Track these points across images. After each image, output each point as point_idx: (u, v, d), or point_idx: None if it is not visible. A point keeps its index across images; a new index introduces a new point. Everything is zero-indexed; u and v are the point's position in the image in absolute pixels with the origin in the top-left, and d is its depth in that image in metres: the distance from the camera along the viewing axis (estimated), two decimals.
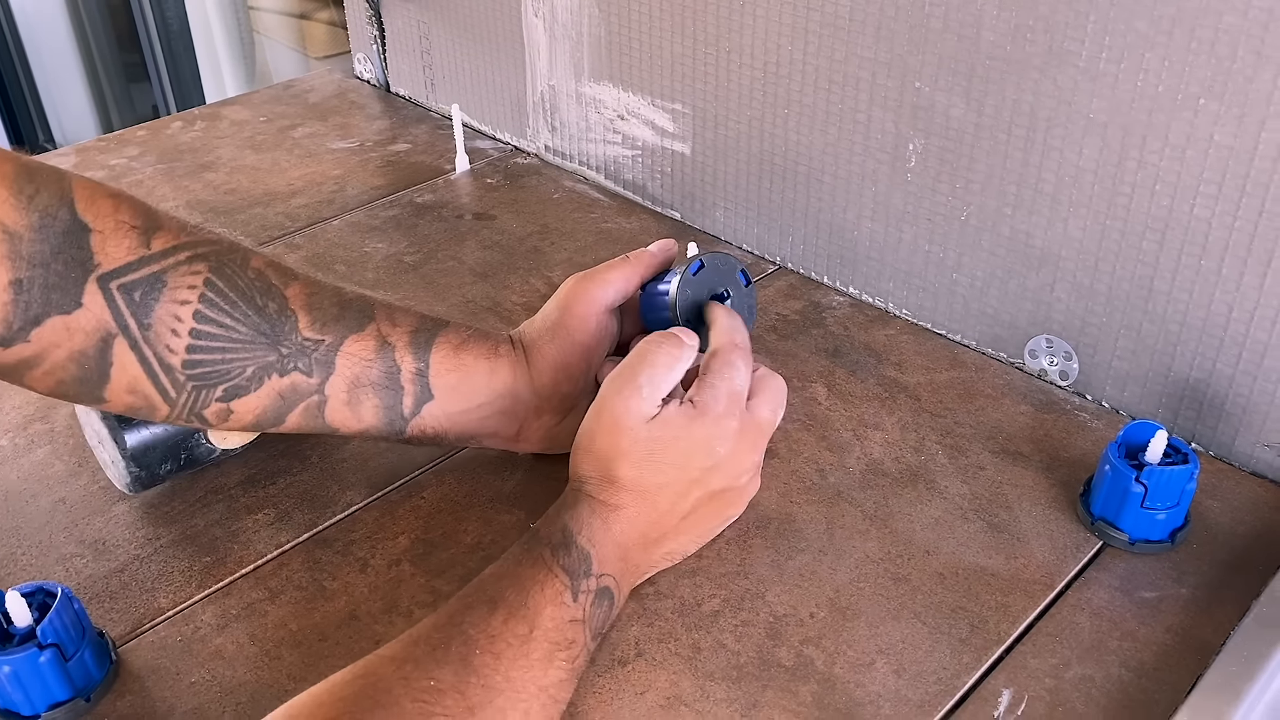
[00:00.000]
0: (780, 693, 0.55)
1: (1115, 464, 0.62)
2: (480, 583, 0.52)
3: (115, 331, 0.52)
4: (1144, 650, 0.57)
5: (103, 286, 0.52)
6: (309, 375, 0.58)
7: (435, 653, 0.47)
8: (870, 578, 0.61)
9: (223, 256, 0.56)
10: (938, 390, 0.76)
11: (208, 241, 0.56)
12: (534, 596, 0.50)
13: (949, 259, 0.78)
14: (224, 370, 0.56)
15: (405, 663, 0.46)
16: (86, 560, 0.63)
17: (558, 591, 0.51)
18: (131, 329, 0.53)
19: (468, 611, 0.49)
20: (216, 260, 0.55)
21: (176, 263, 0.54)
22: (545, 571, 0.52)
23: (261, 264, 0.58)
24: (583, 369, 0.65)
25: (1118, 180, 0.67)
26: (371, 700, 0.44)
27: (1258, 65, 0.59)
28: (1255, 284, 0.64)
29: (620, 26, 0.92)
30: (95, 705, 0.55)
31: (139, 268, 0.53)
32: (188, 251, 0.54)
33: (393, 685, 0.45)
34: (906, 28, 0.73)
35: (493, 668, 0.47)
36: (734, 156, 0.90)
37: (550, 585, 0.51)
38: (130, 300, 0.52)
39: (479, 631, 0.48)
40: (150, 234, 0.53)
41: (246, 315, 0.56)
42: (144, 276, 0.53)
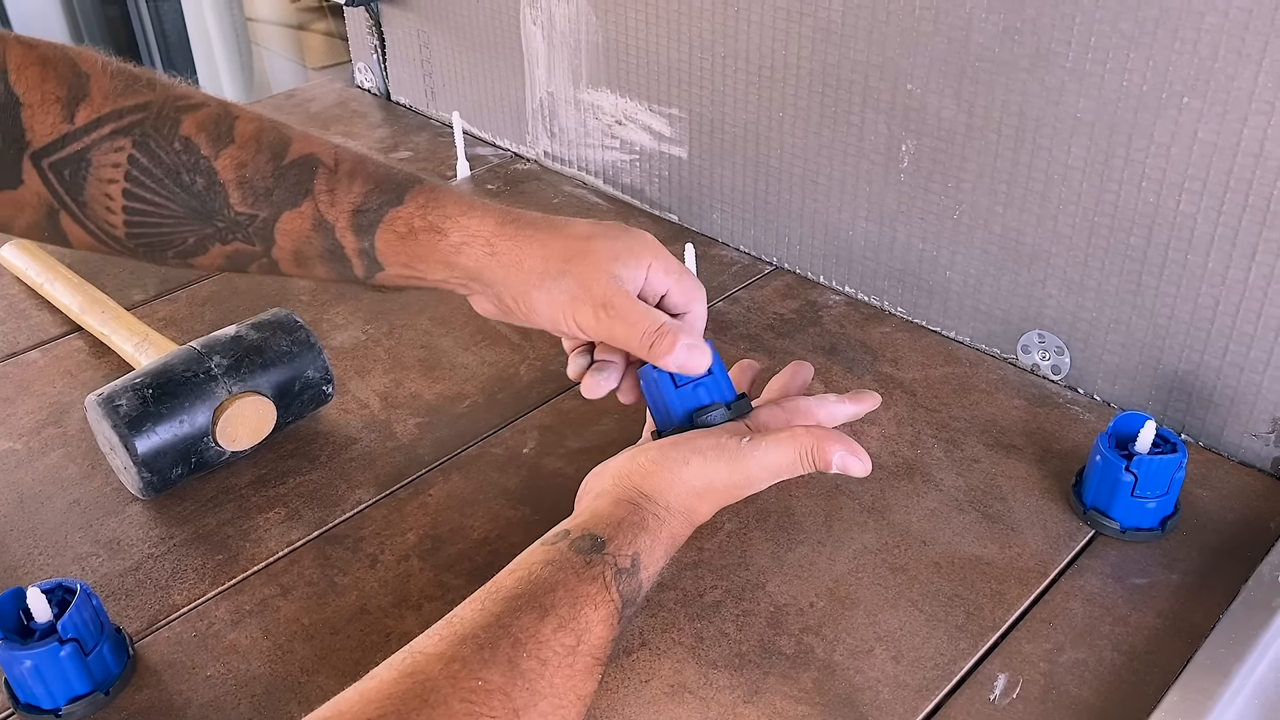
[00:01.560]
0: (781, 679, 0.56)
1: (1105, 454, 0.63)
2: (532, 587, 0.50)
3: (58, 207, 0.53)
4: (1135, 635, 0.59)
5: (35, 164, 0.52)
6: (250, 245, 0.57)
7: (483, 653, 0.47)
8: (868, 568, 0.63)
9: (148, 127, 0.54)
10: (933, 386, 0.77)
11: (135, 108, 0.53)
12: (587, 613, 0.50)
13: (942, 257, 0.80)
14: (167, 238, 0.55)
15: (453, 661, 0.46)
16: (102, 559, 0.65)
17: (610, 614, 0.51)
18: (70, 205, 0.53)
19: (517, 615, 0.49)
20: (141, 133, 0.53)
21: (100, 138, 0.52)
22: (603, 593, 0.51)
23: (192, 128, 0.54)
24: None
25: (1105, 178, 0.69)
26: (419, 699, 0.44)
27: (1238, 64, 0.61)
28: (1240, 277, 0.66)
29: (617, 33, 0.94)
30: (114, 699, 0.56)
31: (64, 145, 0.52)
32: (111, 124, 0.53)
33: (440, 684, 0.45)
34: (898, 31, 0.75)
35: (538, 673, 0.47)
36: (730, 159, 0.91)
37: (605, 607, 0.51)
38: (61, 178, 0.52)
39: (528, 637, 0.48)
40: (75, 105, 0.52)
41: (174, 193, 0.54)
42: (69, 155, 0.52)
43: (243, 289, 0.91)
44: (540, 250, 0.58)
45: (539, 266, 0.58)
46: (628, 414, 0.75)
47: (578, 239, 0.59)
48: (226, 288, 0.91)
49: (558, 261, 0.58)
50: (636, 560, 0.53)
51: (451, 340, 0.84)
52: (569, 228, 0.60)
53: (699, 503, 0.57)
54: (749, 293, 0.89)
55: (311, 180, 0.56)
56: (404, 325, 0.86)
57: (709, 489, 0.56)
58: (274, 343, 0.71)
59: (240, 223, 0.56)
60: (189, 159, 0.54)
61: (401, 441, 0.74)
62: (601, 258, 0.58)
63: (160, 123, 0.54)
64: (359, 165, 0.58)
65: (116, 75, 0.54)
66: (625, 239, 0.60)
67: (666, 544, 0.55)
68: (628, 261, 0.58)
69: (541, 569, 0.51)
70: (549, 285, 0.58)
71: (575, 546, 0.52)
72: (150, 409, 0.66)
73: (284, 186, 0.56)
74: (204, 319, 0.86)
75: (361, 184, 0.57)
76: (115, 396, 0.66)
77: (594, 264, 0.58)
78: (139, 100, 0.54)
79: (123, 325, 0.80)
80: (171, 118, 0.54)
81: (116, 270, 0.93)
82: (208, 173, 0.54)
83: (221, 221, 0.56)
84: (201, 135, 0.54)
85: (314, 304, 0.88)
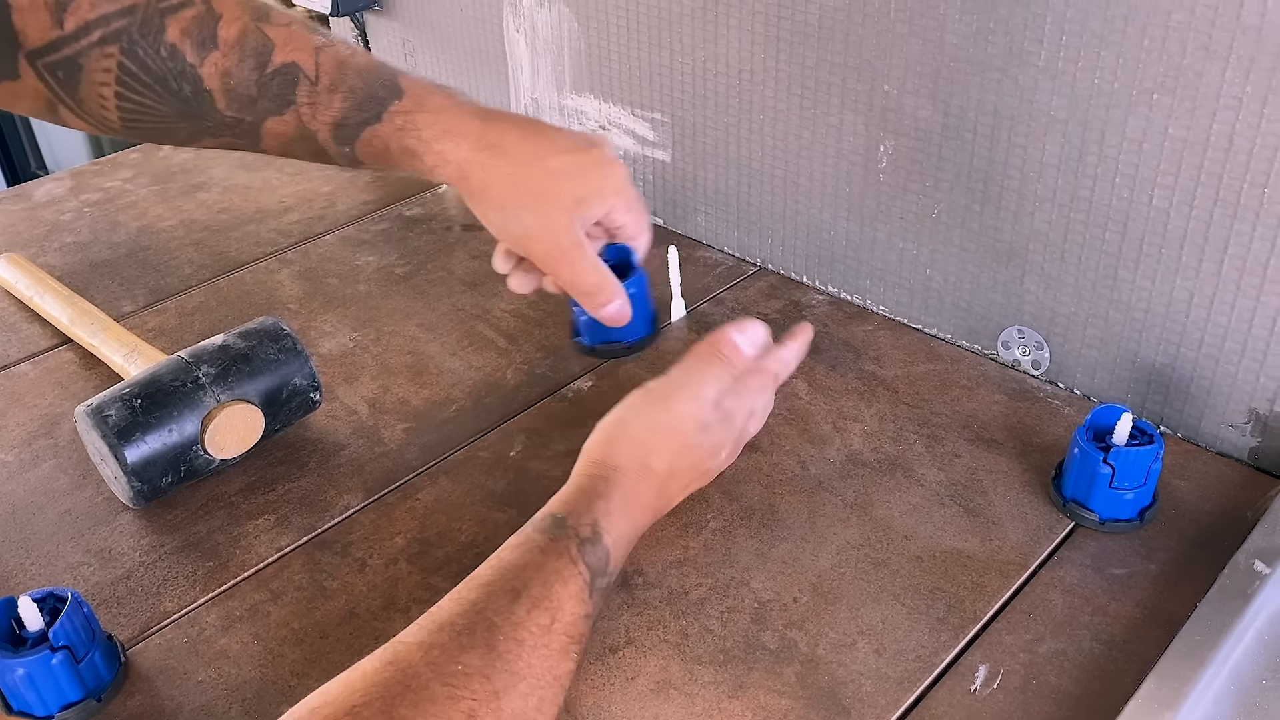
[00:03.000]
0: (765, 674, 0.57)
1: (1083, 446, 0.64)
2: (503, 571, 0.52)
3: (56, 101, 0.55)
4: (1114, 624, 0.59)
5: (31, 63, 0.53)
6: (239, 139, 0.60)
7: (460, 638, 0.48)
8: (851, 563, 0.64)
9: (135, 34, 0.55)
10: (914, 382, 0.78)
11: (120, 12, 0.55)
12: (557, 590, 0.51)
13: (922, 255, 0.81)
14: (162, 131, 0.58)
15: (432, 648, 0.47)
16: (94, 568, 0.65)
17: (580, 588, 0.52)
18: (67, 101, 0.55)
19: (491, 599, 0.50)
20: (129, 39, 0.55)
21: (89, 44, 0.54)
22: (570, 566, 0.53)
23: (177, 34, 0.56)
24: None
25: (1079, 174, 0.70)
26: (402, 685, 0.45)
27: (1206, 60, 0.62)
28: (1213, 270, 0.66)
29: (599, 39, 0.95)
30: (106, 705, 0.57)
31: (56, 49, 0.54)
32: (99, 30, 0.54)
33: (421, 670, 0.46)
34: (874, 33, 0.76)
35: (516, 654, 0.49)
36: (713, 162, 0.92)
37: (574, 581, 0.52)
38: (56, 78, 0.54)
39: (503, 619, 0.49)
40: (63, 11, 0.54)
41: (163, 97, 0.56)
42: (61, 59, 0.54)
43: (231, 298, 0.91)
44: (508, 183, 0.62)
45: (504, 200, 0.62)
46: None
47: (548, 176, 0.62)
48: (215, 298, 0.92)
49: (524, 197, 0.62)
50: (596, 527, 0.54)
51: (439, 346, 0.85)
52: (542, 159, 0.62)
53: (648, 455, 0.58)
54: (733, 294, 0.90)
55: (294, 91, 0.58)
56: (391, 332, 0.86)
57: (646, 432, 0.59)
58: (261, 351, 0.71)
59: (228, 123, 0.58)
60: (175, 66, 0.56)
61: (389, 447, 0.74)
62: (567, 201, 0.62)
63: (145, 29, 0.55)
64: (340, 76, 0.60)
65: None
66: (595, 178, 0.64)
67: (622, 504, 0.56)
68: (592, 204, 0.63)
69: (510, 553, 0.53)
70: (511, 215, 0.63)
71: (538, 527, 0.54)
72: (139, 419, 0.66)
73: (268, 96, 0.58)
74: (193, 329, 0.87)
75: (342, 99, 0.59)
76: (104, 407, 0.67)
77: (559, 207, 0.62)
78: (124, 4, 0.55)
79: (112, 336, 0.81)
80: (156, 23, 0.55)
81: (106, 282, 0.94)
82: (194, 80, 0.56)
83: (210, 121, 0.58)
84: (186, 41, 0.56)
85: (302, 312, 0.89)
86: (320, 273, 0.95)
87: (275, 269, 0.96)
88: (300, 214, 1.05)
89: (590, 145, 0.65)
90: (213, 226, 1.03)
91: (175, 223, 1.04)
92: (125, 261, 0.97)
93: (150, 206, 1.07)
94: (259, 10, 0.59)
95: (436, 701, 0.45)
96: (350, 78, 0.60)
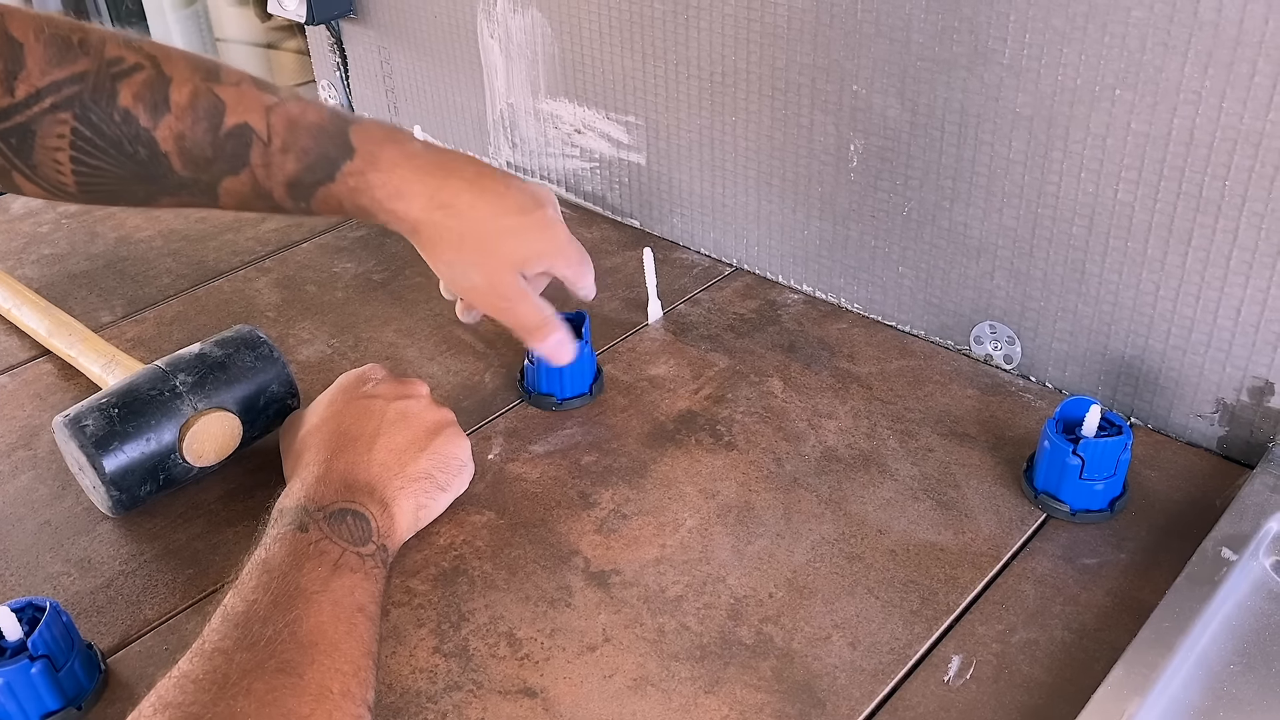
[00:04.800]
0: (742, 669, 0.58)
1: (1053, 439, 0.65)
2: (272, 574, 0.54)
3: (9, 168, 0.55)
4: (1085, 613, 0.60)
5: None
6: (197, 198, 0.61)
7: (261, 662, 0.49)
8: (826, 558, 0.64)
9: (87, 100, 0.55)
10: (888, 379, 0.79)
11: (73, 79, 0.55)
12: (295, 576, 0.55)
13: (894, 253, 0.81)
14: (119, 193, 0.59)
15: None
16: (73, 578, 0.66)
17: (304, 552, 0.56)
18: (21, 168, 0.55)
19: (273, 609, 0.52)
20: (81, 106, 0.55)
21: (41, 111, 0.54)
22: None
23: (129, 98, 0.56)
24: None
25: (1045, 170, 0.71)
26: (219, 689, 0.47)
27: (1165, 55, 0.63)
28: (1178, 262, 0.67)
29: (572, 44, 0.96)
30: (86, 714, 0.57)
31: (7, 117, 0.54)
32: (51, 97, 0.54)
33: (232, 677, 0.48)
34: (841, 34, 0.77)
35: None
36: (687, 164, 0.93)
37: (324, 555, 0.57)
38: (9, 145, 0.54)
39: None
40: (12, 79, 0.54)
41: (119, 160, 0.56)
42: (13, 126, 0.54)
43: (210, 307, 0.92)
44: (458, 241, 0.65)
45: (453, 256, 0.66)
46: (590, 418, 0.76)
47: (495, 236, 0.66)
48: (193, 307, 0.92)
49: (472, 254, 0.66)
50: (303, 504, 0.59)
51: (416, 350, 0.85)
52: (490, 220, 0.66)
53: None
54: (709, 294, 0.90)
55: (248, 152, 0.59)
56: (369, 338, 0.87)
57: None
58: (237, 359, 0.72)
59: (185, 184, 0.59)
60: (129, 130, 0.56)
61: None
62: (511, 259, 0.67)
63: (98, 95, 0.55)
64: (291, 136, 0.61)
65: (50, 42, 0.55)
66: (537, 241, 0.68)
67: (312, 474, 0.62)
68: (533, 263, 0.68)
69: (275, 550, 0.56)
70: (459, 270, 0.67)
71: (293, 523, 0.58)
72: (117, 428, 0.67)
73: (223, 157, 0.59)
74: (171, 338, 0.87)
75: (294, 160, 0.60)
76: (82, 417, 0.67)
77: (503, 265, 0.67)
78: (75, 70, 0.55)
79: (90, 347, 0.81)
80: (108, 88, 0.55)
81: (84, 293, 0.94)
82: (149, 143, 0.57)
83: (168, 183, 0.59)
84: (139, 105, 0.56)
85: (280, 319, 0.90)
86: (298, 280, 0.95)
87: (253, 277, 0.96)
88: (277, 222, 1.05)
89: (536, 206, 0.68)
90: (190, 236, 1.03)
91: (153, 233, 1.04)
92: (103, 272, 0.98)
93: (128, 217, 1.07)
94: (208, 71, 0.59)
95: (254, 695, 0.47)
96: (302, 138, 0.61)
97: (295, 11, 1.14)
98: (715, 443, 0.74)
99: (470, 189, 0.66)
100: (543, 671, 0.58)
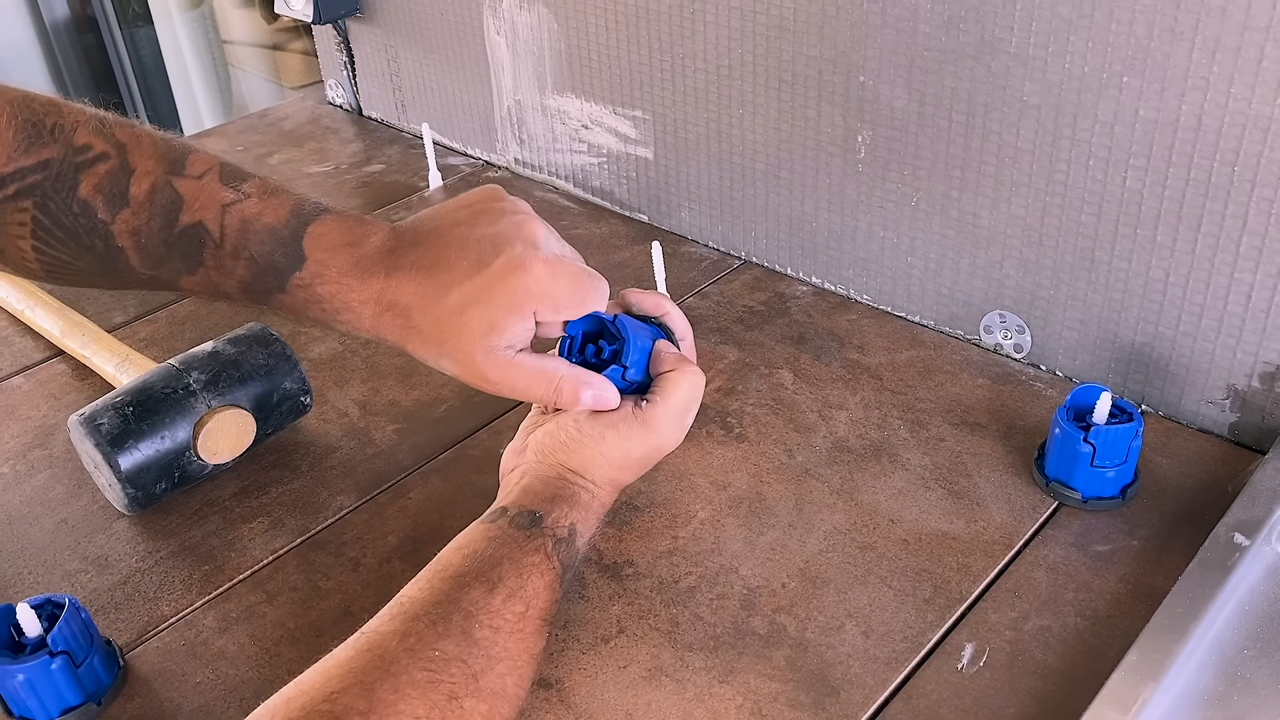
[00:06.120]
0: (755, 658, 0.58)
1: (1064, 426, 0.65)
2: (479, 563, 0.53)
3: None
4: (1098, 600, 0.60)
5: None
6: (161, 290, 0.59)
7: (437, 626, 0.50)
8: (838, 548, 0.65)
9: (48, 188, 0.54)
10: (898, 369, 0.79)
11: (36, 167, 0.54)
12: (532, 581, 0.54)
13: (903, 244, 0.82)
14: (85, 281, 0.58)
15: (408, 636, 0.49)
16: (91, 575, 0.66)
17: (553, 579, 0.55)
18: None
19: (466, 590, 0.52)
20: (42, 195, 0.54)
21: (4, 198, 0.54)
22: (545, 561, 0.55)
23: (89, 190, 0.55)
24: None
25: (1054, 158, 0.71)
26: (380, 670, 0.47)
27: (1173, 41, 0.63)
28: (1187, 249, 0.67)
29: (579, 40, 0.96)
30: (106, 709, 0.58)
31: None
32: (14, 184, 0.54)
33: (399, 656, 0.48)
34: (848, 25, 0.77)
35: (492, 640, 0.51)
36: (695, 158, 0.93)
37: (548, 574, 0.55)
38: None
39: (479, 608, 0.51)
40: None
41: (77, 252, 0.56)
42: None
43: (220, 307, 0.92)
44: (416, 338, 0.57)
45: (420, 352, 0.58)
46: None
47: (449, 316, 0.57)
48: (205, 307, 0.92)
49: (433, 346, 0.57)
50: (573, 530, 0.57)
51: None
52: (439, 301, 0.57)
53: (621, 473, 0.60)
54: (718, 287, 0.90)
55: (200, 253, 0.56)
56: None
57: (627, 459, 0.59)
58: (250, 357, 0.72)
59: (144, 280, 0.57)
60: (87, 222, 0.55)
61: (381, 448, 0.75)
62: (474, 335, 0.56)
63: (59, 184, 0.54)
64: (242, 241, 0.57)
65: (22, 128, 0.54)
66: (500, 300, 0.56)
67: (598, 513, 0.59)
68: (504, 328, 0.56)
69: (485, 545, 0.54)
70: (433, 363, 0.58)
71: (515, 523, 0.56)
72: (132, 426, 0.67)
73: (176, 256, 0.56)
74: (184, 337, 0.88)
75: (244, 266, 0.57)
76: (97, 415, 0.67)
77: (470, 346, 0.56)
78: (40, 158, 0.54)
79: (104, 347, 0.82)
80: (70, 178, 0.55)
81: (96, 294, 0.95)
82: (105, 236, 0.55)
83: (128, 278, 0.57)
84: (98, 198, 0.55)
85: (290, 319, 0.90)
86: None
87: None
88: None
89: (496, 253, 0.57)
90: None
91: None
92: None
93: None
94: (174, 161, 0.57)
95: (417, 685, 0.47)
96: (252, 243, 0.57)
97: (302, 11, 1.15)
98: (726, 435, 0.74)
99: (416, 276, 0.57)
100: (557, 663, 0.58)
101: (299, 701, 0.45)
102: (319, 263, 0.57)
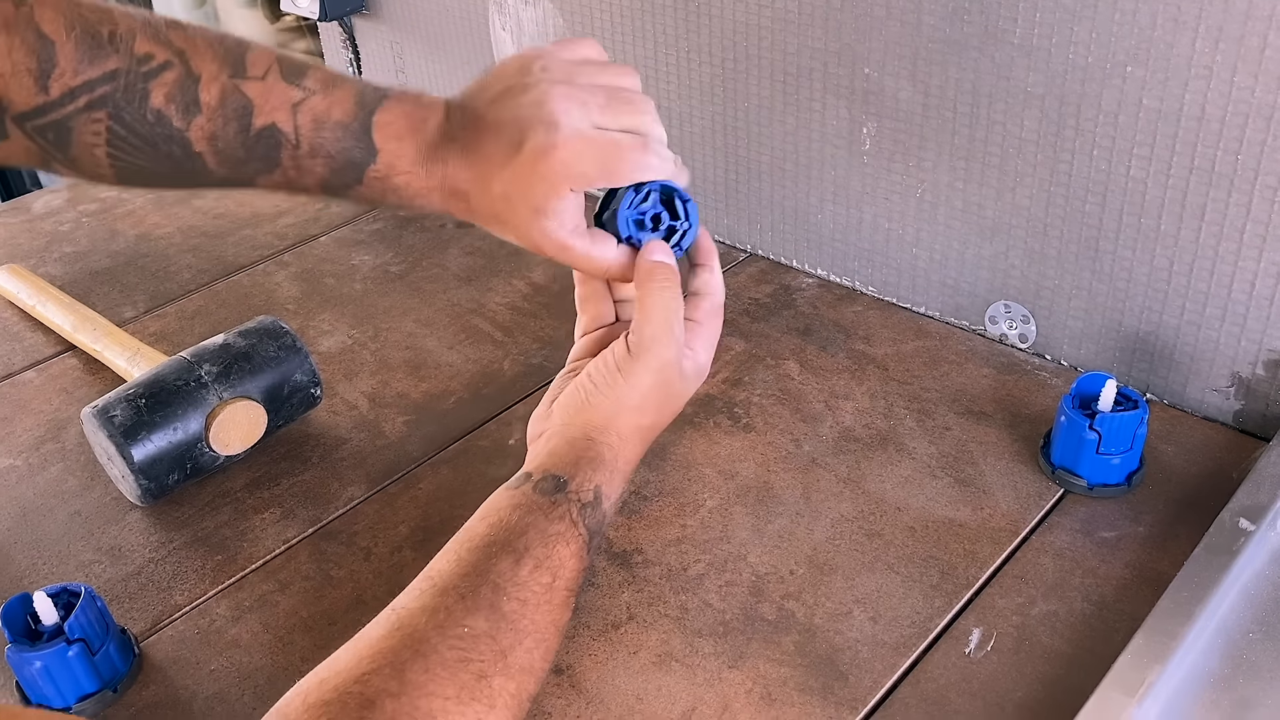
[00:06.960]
0: (764, 644, 0.58)
1: (1069, 414, 0.65)
2: (504, 533, 0.53)
3: (49, 158, 0.56)
4: (1104, 585, 0.61)
5: (19, 125, 0.54)
6: (238, 190, 0.62)
7: (465, 601, 0.49)
8: (845, 535, 0.65)
9: (120, 99, 0.55)
10: (904, 360, 0.79)
11: (104, 78, 0.55)
12: (559, 550, 0.53)
13: (908, 235, 0.82)
14: (160, 186, 0.60)
15: (437, 612, 0.49)
16: (105, 565, 0.67)
17: (580, 547, 0.54)
18: (60, 159, 0.56)
19: (494, 561, 0.51)
20: (114, 105, 0.55)
21: (76, 110, 0.55)
22: (571, 529, 0.54)
23: (161, 99, 0.56)
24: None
25: (1058, 148, 0.71)
26: (411, 650, 0.47)
27: (1176, 31, 0.63)
28: (1191, 237, 0.68)
29: (584, 33, 0.96)
30: (122, 695, 0.59)
31: (43, 114, 0.55)
32: (85, 96, 0.55)
33: (429, 634, 0.47)
34: (852, 17, 0.77)
35: (520, 613, 0.50)
36: (700, 151, 0.93)
37: (574, 541, 0.54)
38: (46, 140, 0.55)
39: (506, 580, 0.51)
40: (47, 77, 0.54)
41: (155, 158, 0.57)
42: (49, 123, 0.55)
43: (230, 301, 0.93)
44: (481, 219, 0.60)
45: (490, 229, 0.61)
46: None
47: (500, 202, 0.59)
48: (214, 301, 0.93)
49: (496, 227, 0.60)
50: (598, 492, 0.55)
51: (436, 340, 0.86)
52: (489, 187, 0.58)
53: (641, 415, 0.58)
54: (724, 280, 0.91)
55: (278, 154, 0.58)
56: (389, 328, 0.88)
57: (645, 399, 0.57)
58: (261, 349, 0.73)
59: (223, 180, 0.59)
60: (163, 130, 0.56)
61: (391, 439, 0.76)
62: (524, 219, 0.58)
63: (130, 95, 0.56)
64: (317, 139, 0.59)
65: (81, 39, 0.55)
66: (538, 186, 0.57)
67: (624, 471, 0.57)
68: (548, 210, 0.57)
69: (510, 514, 0.53)
70: (501, 236, 0.60)
71: (540, 489, 0.54)
72: (144, 418, 0.68)
73: (255, 158, 0.58)
74: (194, 331, 0.88)
75: (322, 164, 0.59)
76: (110, 408, 0.68)
77: (522, 225, 0.58)
78: (106, 69, 0.55)
79: (114, 341, 0.82)
80: (140, 89, 0.56)
81: (106, 289, 0.95)
82: (183, 143, 0.57)
83: (205, 180, 0.59)
84: (171, 107, 0.56)
85: (300, 311, 0.91)
86: (317, 273, 0.96)
87: (272, 271, 0.97)
88: (295, 217, 1.06)
89: (521, 138, 0.57)
90: (209, 232, 1.04)
91: (172, 230, 1.05)
92: (125, 269, 0.99)
93: (147, 214, 1.08)
94: (235, 62, 0.58)
95: (447, 665, 0.46)
96: (327, 141, 0.59)
97: (308, 9, 1.15)
98: (733, 425, 0.74)
99: (467, 160, 0.59)
100: (568, 649, 0.59)
101: (332, 683, 0.45)
102: (391, 154, 0.59)
